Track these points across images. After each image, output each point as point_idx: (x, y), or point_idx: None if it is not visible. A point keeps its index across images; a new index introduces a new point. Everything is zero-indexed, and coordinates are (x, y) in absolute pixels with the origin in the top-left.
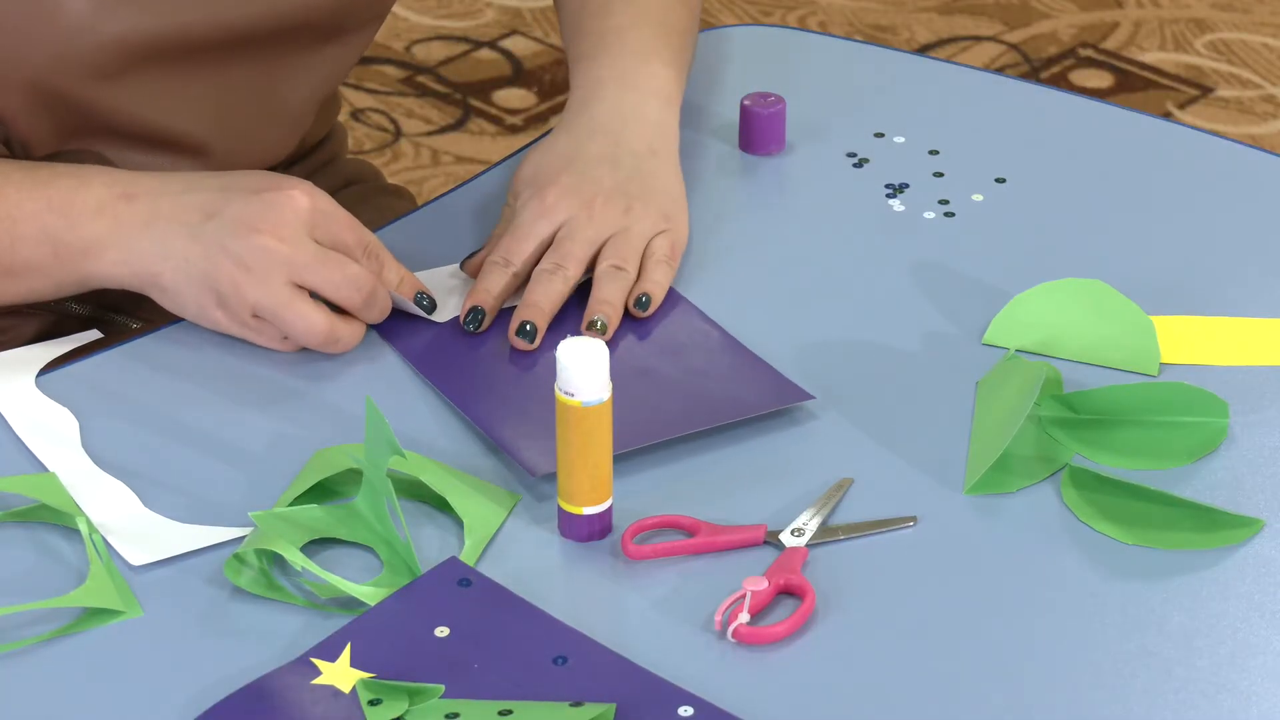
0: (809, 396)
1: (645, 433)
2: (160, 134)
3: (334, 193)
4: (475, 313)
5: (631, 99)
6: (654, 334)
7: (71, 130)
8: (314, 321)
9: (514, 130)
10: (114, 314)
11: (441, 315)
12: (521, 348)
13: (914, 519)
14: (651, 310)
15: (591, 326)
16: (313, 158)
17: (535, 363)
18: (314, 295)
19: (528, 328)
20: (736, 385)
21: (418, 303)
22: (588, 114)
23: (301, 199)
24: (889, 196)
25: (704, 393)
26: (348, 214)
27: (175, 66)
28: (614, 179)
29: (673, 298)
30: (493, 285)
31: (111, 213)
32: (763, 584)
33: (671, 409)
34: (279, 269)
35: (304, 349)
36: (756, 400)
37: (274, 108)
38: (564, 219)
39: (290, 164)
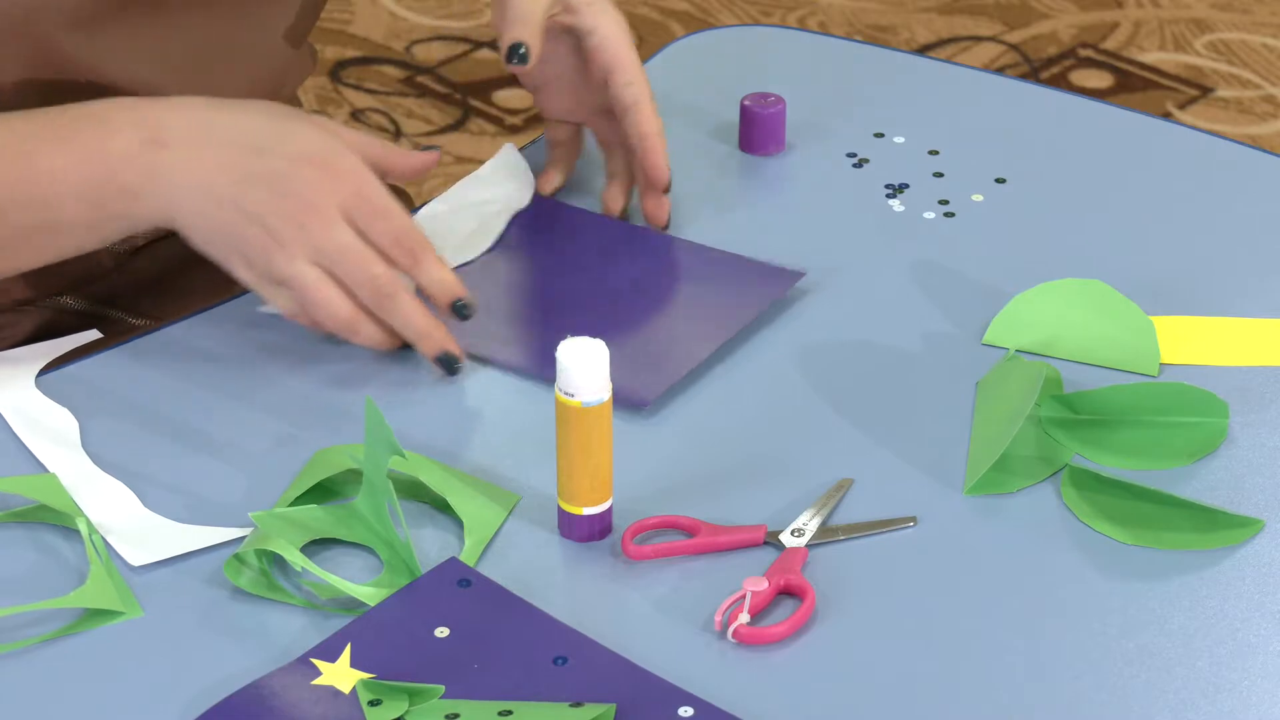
0: (800, 274)
1: (677, 365)
2: (135, 90)
3: None
4: None
5: None
6: (595, 247)
7: (48, 86)
8: (336, 307)
9: (514, 130)
10: (110, 309)
11: (471, 251)
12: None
13: (914, 519)
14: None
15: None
16: None
17: (575, 301)
18: None
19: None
20: (730, 288)
21: (455, 318)
22: None
23: (346, 179)
24: (889, 196)
25: (704, 303)
26: (390, 200)
27: (149, 16)
28: None
29: (564, 209)
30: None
31: (145, 161)
32: (763, 584)
33: (687, 332)
34: (306, 249)
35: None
36: (758, 296)
37: (244, 62)
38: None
39: None
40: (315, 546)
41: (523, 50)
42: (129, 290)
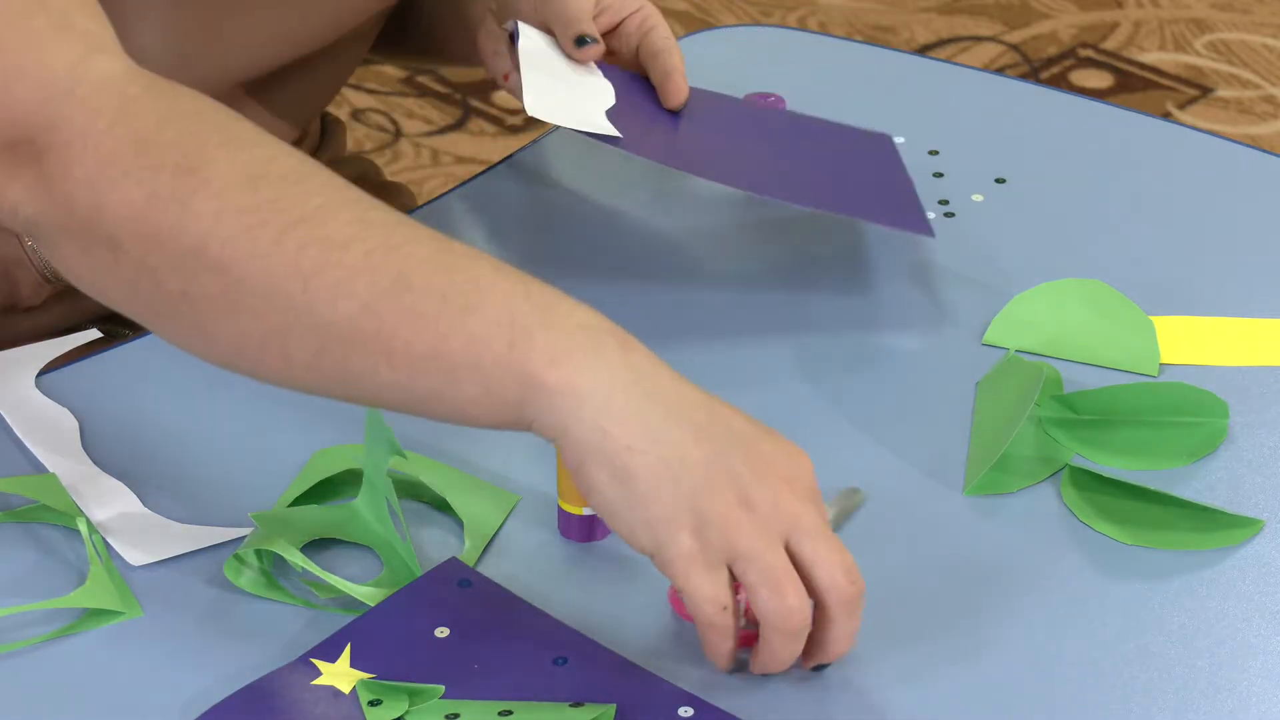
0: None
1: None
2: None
3: None
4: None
5: None
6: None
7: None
8: (797, 610)
9: (514, 130)
10: (125, 328)
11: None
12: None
13: (858, 490)
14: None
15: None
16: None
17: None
18: None
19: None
20: (871, 191)
21: None
22: None
23: (807, 471)
24: None
25: (840, 181)
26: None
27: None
28: None
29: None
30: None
31: (596, 344)
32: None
33: (808, 183)
34: (782, 523)
35: None
36: (883, 213)
37: (286, 110)
38: None
39: None
40: (315, 546)
41: (588, 38)
42: None
